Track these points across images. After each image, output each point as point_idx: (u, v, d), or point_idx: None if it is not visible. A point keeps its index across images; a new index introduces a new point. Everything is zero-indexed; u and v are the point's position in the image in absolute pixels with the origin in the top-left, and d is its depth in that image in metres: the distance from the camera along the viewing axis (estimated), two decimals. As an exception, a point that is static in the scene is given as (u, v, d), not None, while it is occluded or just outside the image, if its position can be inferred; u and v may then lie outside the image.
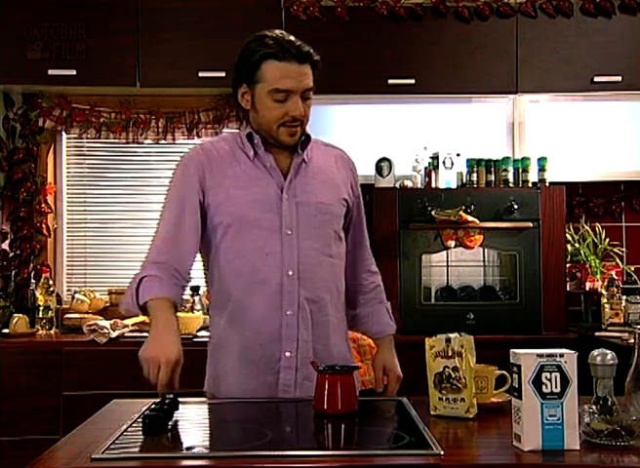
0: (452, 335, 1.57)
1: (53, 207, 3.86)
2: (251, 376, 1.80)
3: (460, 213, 3.22)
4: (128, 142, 3.85)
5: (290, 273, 1.79)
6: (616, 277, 3.40)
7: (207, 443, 1.37)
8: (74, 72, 3.50)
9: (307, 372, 1.78)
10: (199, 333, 3.31)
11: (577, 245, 3.66)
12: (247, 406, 1.73)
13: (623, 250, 3.75)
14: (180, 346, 1.65)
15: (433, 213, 3.27)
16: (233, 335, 1.83)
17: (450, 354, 1.56)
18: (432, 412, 1.58)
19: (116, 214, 3.93)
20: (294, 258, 1.80)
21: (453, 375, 1.55)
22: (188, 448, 1.31)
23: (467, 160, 3.48)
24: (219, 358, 1.88)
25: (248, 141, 1.86)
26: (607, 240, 3.69)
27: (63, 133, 3.88)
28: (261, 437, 1.40)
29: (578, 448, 1.31)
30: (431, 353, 1.58)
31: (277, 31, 1.82)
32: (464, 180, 3.49)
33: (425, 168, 3.53)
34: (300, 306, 1.80)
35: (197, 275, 4.02)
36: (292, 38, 1.79)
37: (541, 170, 3.46)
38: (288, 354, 1.79)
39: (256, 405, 1.73)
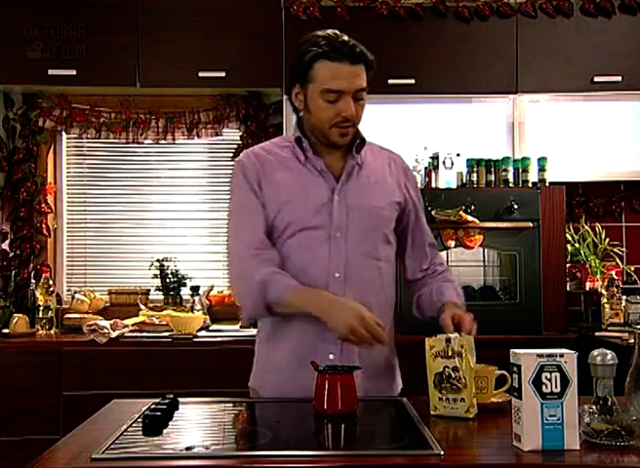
0: (452, 335, 1.57)
1: (53, 207, 3.87)
2: (295, 376, 1.80)
3: (460, 213, 3.22)
4: (128, 142, 3.85)
5: (336, 275, 1.80)
6: (616, 277, 3.40)
7: (207, 443, 1.37)
8: (74, 72, 3.50)
9: None
10: (199, 333, 3.31)
11: (577, 245, 3.66)
12: (247, 406, 1.74)
13: (623, 250, 3.76)
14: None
15: (433, 213, 3.27)
16: (280, 334, 1.85)
17: (450, 354, 1.56)
18: (432, 412, 1.58)
19: (116, 214, 3.93)
20: (341, 261, 1.80)
21: (453, 375, 1.55)
22: (188, 448, 1.31)
23: (467, 160, 3.48)
24: (266, 354, 1.89)
25: (297, 146, 1.86)
26: (607, 240, 3.69)
27: (63, 133, 3.88)
28: (261, 437, 1.40)
29: (578, 448, 1.31)
30: (431, 353, 1.58)
31: (330, 31, 1.81)
32: (464, 180, 3.49)
33: (425, 168, 3.53)
34: None
35: (197, 275, 4.02)
36: (345, 38, 1.79)
37: (541, 170, 3.46)
38: (332, 356, 1.78)
39: (256, 405, 1.73)
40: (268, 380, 1.87)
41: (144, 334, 3.29)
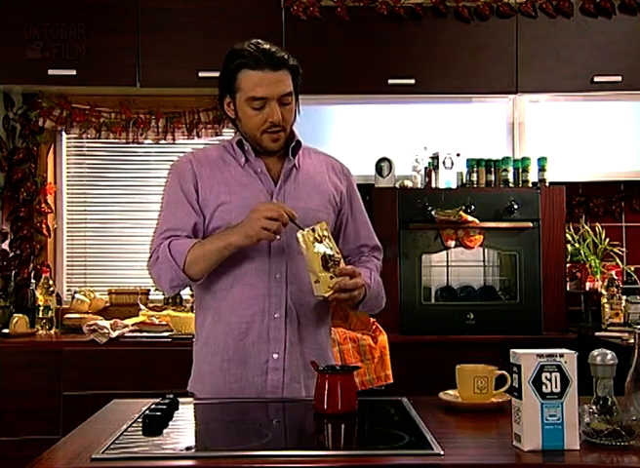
0: (314, 226, 1.73)
1: (53, 207, 3.87)
2: (237, 376, 1.81)
3: (460, 213, 3.23)
4: (128, 142, 3.85)
5: (277, 276, 1.82)
6: (616, 277, 3.40)
7: (207, 443, 1.37)
8: (74, 72, 3.50)
9: (295, 374, 1.82)
10: (199, 333, 3.31)
11: (577, 245, 3.66)
12: (247, 406, 1.73)
13: (623, 250, 3.76)
14: None
15: (433, 213, 3.27)
16: (220, 336, 1.84)
17: (320, 239, 1.71)
18: (326, 295, 1.70)
19: (116, 214, 3.93)
20: (282, 262, 1.82)
21: (331, 253, 1.73)
22: (188, 448, 1.31)
23: (467, 160, 3.48)
24: (204, 356, 1.88)
25: (239, 148, 1.89)
26: (607, 240, 3.69)
27: (63, 133, 3.88)
28: (261, 437, 1.40)
29: (578, 448, 1.31)
30: (310, 242, 1.70)
31: (254, 40, 1.84)
32: (464, 180, 3.49)
33: (425, 168, 3.53)
34: (287, 309, 1.82)
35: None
36: (267, 46, 1.82)
37: (541, 170, 3.46)
38: (275, 356, 1.81)
39: (255, 405, 1.73)
40: (210, 382, 1.85)
41: (144, 334, 3.29)
